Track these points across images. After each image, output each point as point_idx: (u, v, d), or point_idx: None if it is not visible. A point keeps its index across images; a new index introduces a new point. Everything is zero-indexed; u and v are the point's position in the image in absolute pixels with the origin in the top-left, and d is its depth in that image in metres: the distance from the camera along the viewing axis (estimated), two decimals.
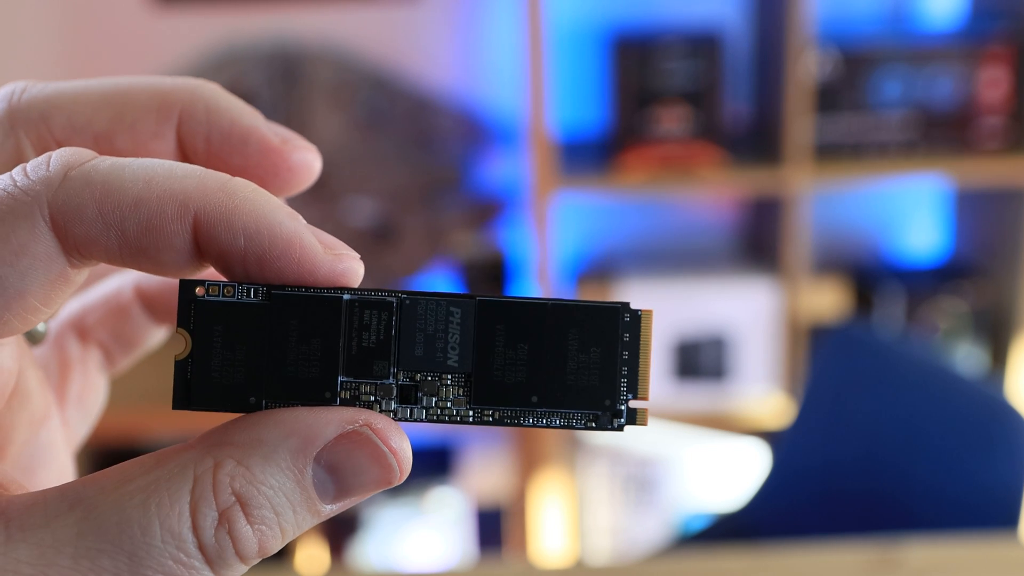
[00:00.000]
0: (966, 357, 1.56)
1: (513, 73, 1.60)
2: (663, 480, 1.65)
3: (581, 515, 1.67)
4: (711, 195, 1.72)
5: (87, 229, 0.23)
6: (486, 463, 1.76)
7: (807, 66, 1.43)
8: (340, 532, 1.66)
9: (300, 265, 0.24)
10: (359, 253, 0.25)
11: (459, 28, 1.65)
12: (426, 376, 0.25)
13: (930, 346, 1.50)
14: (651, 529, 1.65)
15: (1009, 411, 1.07)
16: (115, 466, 0.23)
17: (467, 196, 1.66)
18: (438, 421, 0.25)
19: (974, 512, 1.04)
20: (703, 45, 1.47)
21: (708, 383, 1.56)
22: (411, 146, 1.65)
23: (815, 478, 1.18)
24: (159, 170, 0.23)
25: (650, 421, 0.25)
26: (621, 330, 0.25)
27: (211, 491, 0.23)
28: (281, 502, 0.23)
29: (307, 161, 0.28)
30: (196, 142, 0.27)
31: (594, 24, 1.61)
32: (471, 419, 0.25)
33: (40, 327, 0.30)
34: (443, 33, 1.65)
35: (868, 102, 1.48)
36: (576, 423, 0.25)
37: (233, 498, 0.23)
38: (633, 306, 0.25)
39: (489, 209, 1.67)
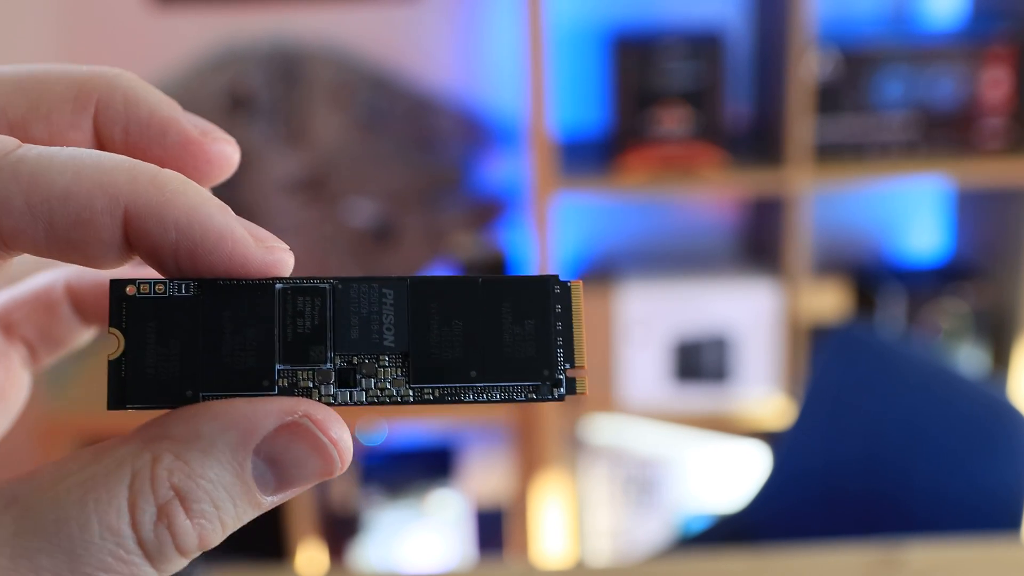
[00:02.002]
0: (967, 358, 1.55)
1: (513, 73, 1.60)
2: (664, 481, 1.64)
3: (582, 516, 1.67)
4: (712, 196, 1.71)
5: (14, 222, 0.22)
6: (486, 464, 1.76)
7: (808, 66, 1.43)
8: (340, 533, 1.66)
9: (232, 258, 0.24)
10: (361, 253, 0.25)
11: (459, 28, 1.65)
12: (363, 358, 0.25)
13: (931, 347, 1.50)
14: (652, 530, 1.64)
15: (1011, 412, 1.07)
16: (51, 462, 0.23)
17: (467, 197, 1.66)
18: (378, 403, 0.25)
19: (976, 513, 1.04)
20: (704, 45, 1.47)
21: (709, 384, 1.56)
22: (411, 146, 1.65)
23: (816, 479, 1.17)
24: (88, 161, 0.23)
25: (588, 389, 0.25)
26: (552, 301, 0.25)
27: (149, 486, 0.22)
28: (221, 495, 0.23)
29: (226, 153, 0.27)
30: (114, 132, 0.26)
31: (594, 24, 1.60)
32: (411, 399, 0.25)
33: None
34: (443, 33, 1.65)
35: (869, 102, 1.48)
36: (516, 395, 0.25)
37: (172, 492, 0.22)
38: (562, 278, 0.25)
39: (489, 210, 1.67)
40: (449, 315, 0.25)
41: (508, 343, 0.25)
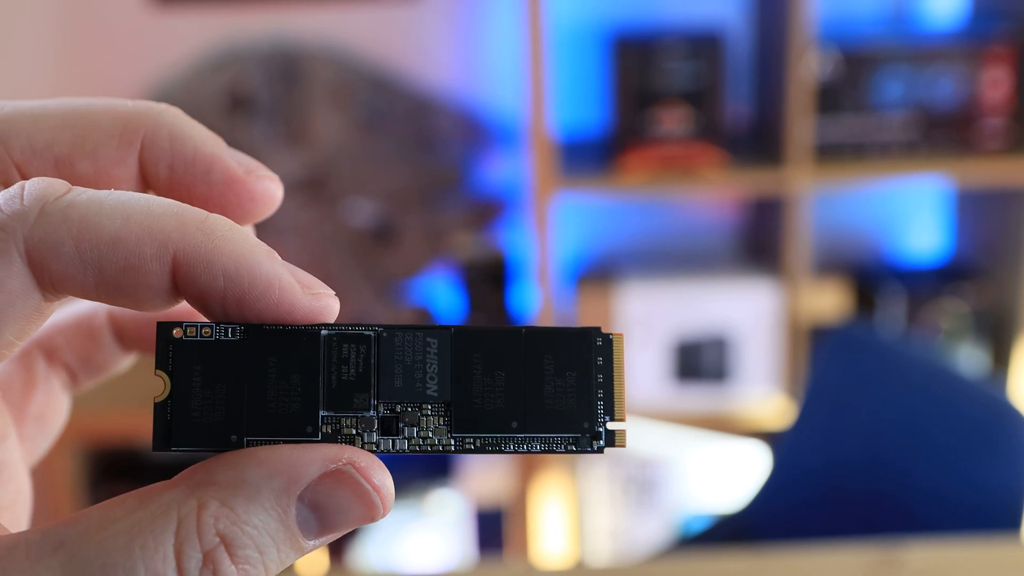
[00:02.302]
0: (967, 358, 1.55)
1: (513, 73, 1.60)
2: (664, 481, 1.64)
3: (581, 517, 1.67)
4: (712, 196, 1.71)
5: (64, 266, 0.23)
6: (486, 465, 1.76)
7: (808, 66, 1.43)
8: (340, 535, 1.66)
9: (279, 305, 0.24)
10: (360, 253, 0.25)
11: (459, 28, 1.65)
12: (406, 407, 0.25)
13: (931, 347, 1.50)
14: (652, 530, 1.64)
15: (1011, 412, 1.07)
16: (97, 506, 0.23)
17: (467, 197, 1.66)
18: (420, 452, 0.25)
19: (976, 513, 1.04)
20: (704, 45, 1.47)
21: (709, 384, 1.56)
22: (411, 146, 1.65)
23: (816, 479, 1.17)
24: (137, 206, 0.23)
25: (628, 443, 0.26)
26: (594, 354, 0.25)
27: (195, 533, 0.22)
28: (265, 541, 0.23)
29: (270, 191, 0.27)
30: (159, 169, 0.26)
31: (594, 24, 1.60)
32: (453, 448, 0.25)
33: None
34: (443, 33, 1.65)
35: (869, 102, 1.48)
36: (556, 447, 0.25)
37: (217, 539, 0.23)
38: (604, 330, 0.26)
39: (489, 210, 1.67)
40: (492, 365, 0.25)
41: (549, 395, 0.25)
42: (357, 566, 1.64)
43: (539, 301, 1.47)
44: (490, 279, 1.63)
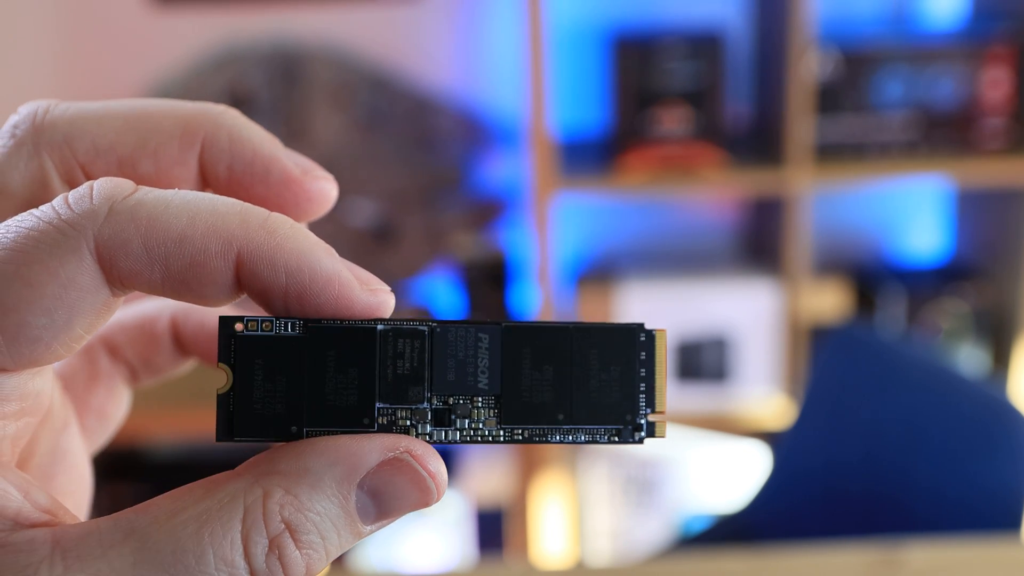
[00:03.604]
0: (968, 358, 1.55)
1: (513, 73, 1.60)
2: (664, 482, 1.64)
3: (582, 517, 1.66)
4: (712, 196, 1.71)
5: (132, 263, 0.24)
6: (487, 465, 1.76)
7: (808, 66, 1.43)
8: None
9: (338, 300, 0.25)
10: (361, 253, 0.26)
11: (459, 28, 1.65)
12: (459, 399, 0.26)
13: (932, 347, 1.50)
14: (652, 531, 1.64)
15: (1011, 412, 1.07)
16: (165, 495, 0.24)
17: (467, 197, 1.66)
18: (471, 442, 0.26)
19: (976, 514, 1.04)
20: (704, 45, 1.47)
21: (709, 384, 1.56)
22: (411, 146, 1.65)
23: (816, 479, 1.17)
24: (202, 206, 0.24)
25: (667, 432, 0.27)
26: (638, 349, 0.27)
27: (262, 520, 0.24)
28: (327, 527, 0.24)
29: (325, 190, 0.28)
30: (218, 170, 0.28)
31: (595, 24, 1.60)
32: (502, 438, 0.26)
33: None
34: (443, 33, 1.65)
35: (869, 102, 1.48)
36: (600, 438, 0.26)
37: (283, 526, 0.24)
38: (647, 326, 0.27)
39: (489, 210, 1.67)
40: (540, 360, 0.26)
41: (595, 388, 0.26)
42: (358, 567, 1.64)
43: (539, 301, 1.47)
44: (490, 279, 1.63)
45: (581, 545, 1.67)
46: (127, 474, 1.62)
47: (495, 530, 1.73)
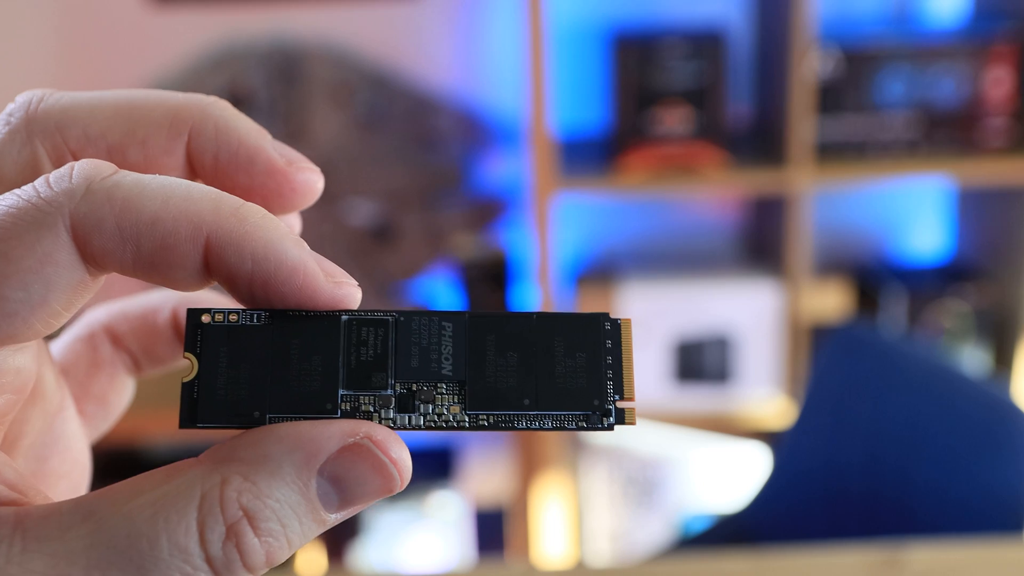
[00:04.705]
0: (969, 358, 1.55)
1: (513, 73, 1.60)
2: (665, 482, 1.64)
3: (582, 517, 1.66)
4: (713, 195, 1.71)
5: (105, 242, 0.24)
6: (486, 465, 1.76)
7: (810, 65, 1.42)
8: (340, 535, 1.65)
9: (302, 290, 0.25)
10: (360, 252, 0.25)
11: (459, 28, 1.65)
12: (422, 385, 0.26)
13: (933, 347, 1.50)
14: (652, 531, 1.64)
15: (1013, 412, 1.06)
16: (127, 480, 0.24)
17: (467, 196, 1.66)
18: (435, 428, 0.26)
19: (978, 514, 1.04)
20: (705, 44, 1.46)
21: (710, 385, 1.55)
22: (411, 146, 1.65)
23: (817, 480, 1.17)
24: (177, 190, 0.25)
25: (638, 421, 0.27)
26: (603, 336, 0.27)
27: (218, 506, 0.24)
28: (287, 514, 0.24)
29: (311, 182, 0.29)
30: (205, 159, 0.28)
31: (595, 23, 1.60)
32: (467, 424, 0.26)
33: None
34: (443, 33, 1.65)
35: (871, 102, 1.47)
36: (568, 424, 0.26)
37: (240, 512, 0.24)
38: (612, 316, 0.27)
39: (489, 209, 1.66)
40: (505, 347, 0.26)
41: (560, 374, 0.26)
42: (358, 568, 1.63)
43: (539, 301, 1.47)
44: (490, 279, 1.63)
45: (581, 546, 1.67)
46: (125, 473, 1.62)
47: (495, 530, 1.72)
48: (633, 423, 0.26)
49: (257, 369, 0.25)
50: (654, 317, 1.54)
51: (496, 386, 0.26)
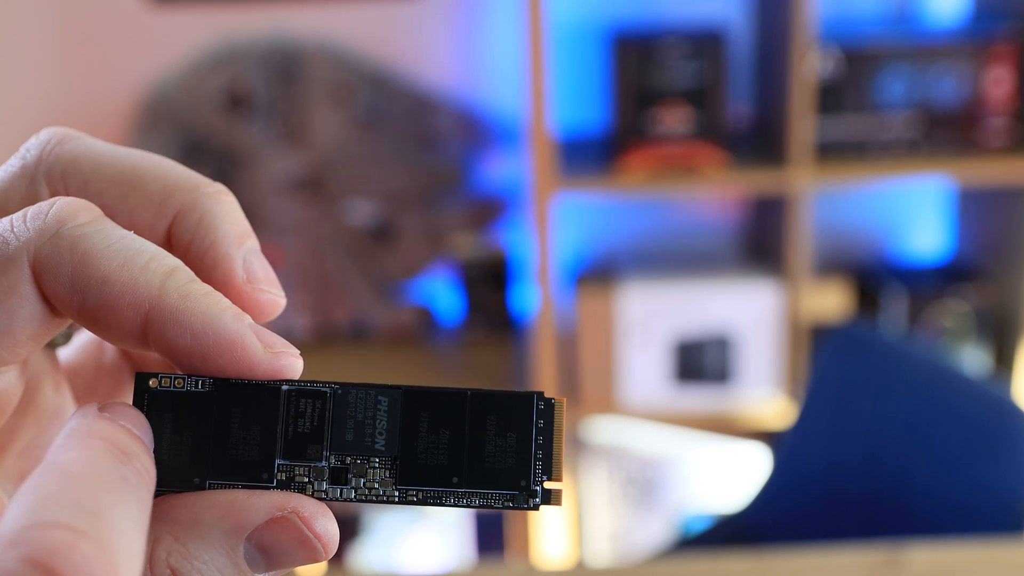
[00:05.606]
0: (970, 358, 1.55)
1: (513, 73, 1.60)
2: (665, 482, 1.64)
3: (582, 517, 1.66)
4: (713, 195, 1.71)
5: (58, 286, 0.25)
6: None
7: (810, 65, 1.42)
8: (340, 536, 1.65)
9: (240, 362, 0.26)
10: (359, 253, 0.25)
11: (459, 28, 1.64)
12: (355, 459, 0.27)
13: (934, 347, 1.50)
14: (652, 531, 1.64)
15: (1014, 412, 1.06)
16: None
17: (467, 196, 1.65)
18: (366, 501, 0.27)
19: (978, 515, 1.03)
20: (705, 44, 1.46)
21: (710, 385, 1.55)
22: (411, 146, 1.65)
23: (818, 480, 1.17)
24: (138, 257, 0.26)
25: (563, 501, 0.27)
26: (536, 416, 0.27)
27: (147, 565, 0.24)
28: (213, 574, 0.25)
29: (267, 303, 0.29)
30: (182, 244, 0.29)
31: (595, 23, 1.60)
32: (396, 499, 0.27)
33: (58, 337, 0.32)
34: (443, 33, 1.65)
35: (871, 101, 1.47)
36: (494, 503, 0.27)
37: (168, 572, 0.25)
38: (547, 395, 0.27)
39: (489, 209, 1.66)
40: (437, 424, 0.27)
41: (490, 453, 0.27)
42: (357, 568, 1.63)
43: (539, 301, 1.47)
44: (490, 279, 1.62)
45: (581, 546, 1.66)
46: None
47: (495, 531, 1.72)
48: (559, 504, 0.27)
49: (199, 436, 0.26)
50: (654, 317, 1.54)
51: (427, 463, 0.27)
